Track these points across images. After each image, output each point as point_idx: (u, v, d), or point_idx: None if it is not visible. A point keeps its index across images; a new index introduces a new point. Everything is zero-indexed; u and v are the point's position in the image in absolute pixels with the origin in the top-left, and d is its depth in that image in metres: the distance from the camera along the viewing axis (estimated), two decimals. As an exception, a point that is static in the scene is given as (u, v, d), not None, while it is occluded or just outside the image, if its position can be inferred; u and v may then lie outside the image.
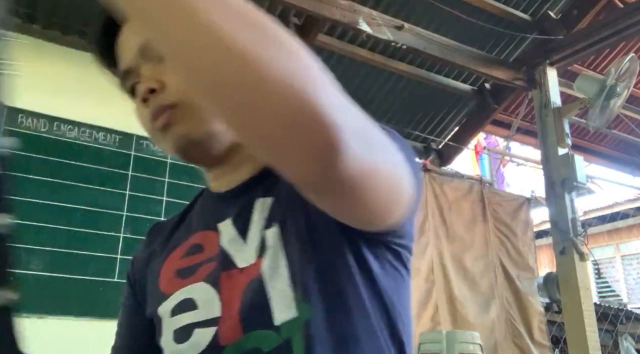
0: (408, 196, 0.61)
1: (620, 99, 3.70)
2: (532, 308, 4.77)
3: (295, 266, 0.66)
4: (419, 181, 0.64)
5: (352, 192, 0.52)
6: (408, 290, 0.75)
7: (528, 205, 5.17)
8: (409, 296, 0.75)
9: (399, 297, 0.71)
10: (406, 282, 0.74)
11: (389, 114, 4.81)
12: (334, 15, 3.22)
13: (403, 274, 0.72)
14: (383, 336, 0.67)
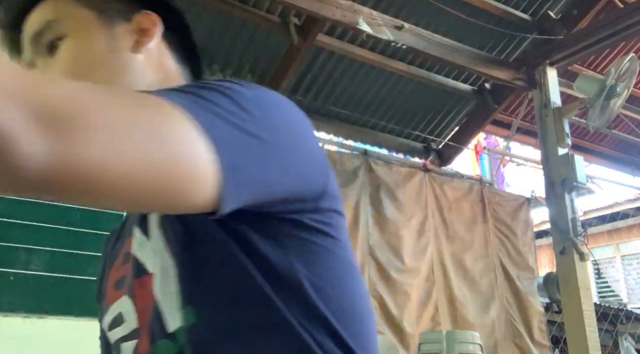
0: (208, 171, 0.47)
1: (620, 99, 3.70)
2: (532, 308, 4.78)
3: (180, 268, 0.62)
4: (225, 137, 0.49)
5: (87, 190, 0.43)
6: (335, 257, 0.64)
7: (528, 205, 5.17)
8: (339, 264, 0.65)
9: (315, 270, 0.61)
10: (328, 249, 0.63)
11: (389, 114, 4.81)
12: (334, 15, 3.23)
13: (318, 242, 0.62)
14: (297, 319, 0.59)
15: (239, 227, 0.59)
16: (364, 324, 0.66)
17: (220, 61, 4.00)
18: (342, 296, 0.63)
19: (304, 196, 0.60)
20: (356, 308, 0.65)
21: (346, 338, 0.62)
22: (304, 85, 4.36)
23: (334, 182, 0.65)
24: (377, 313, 4.01)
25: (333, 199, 0.64)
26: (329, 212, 0.64)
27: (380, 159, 4.51)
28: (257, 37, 3.89)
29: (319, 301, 0.61)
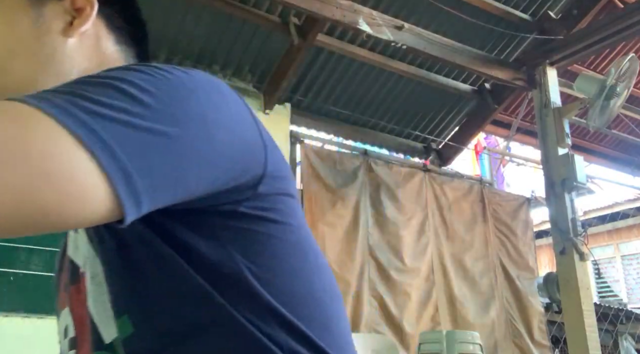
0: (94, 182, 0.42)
1: (620, 99, 3.70)
2: (532, 308, 4.78)
3: (109, 274, 0.58)
4: None
5: None
6: (283, 243, 0.59)
7: (528, 205, 5.18)
8: (289, 249, 0.60)
9: (258, 260, 0.57)
10: (273, 236, 0.58)
11: (389, 114, 4.82)
12: (334, 16, 3.23)
13: (260, 230, 0.57)
14: (244, 315, 0.55)
15: (167, 225, 0.55)
16: (324, 309, 0.62)
17: (220, 61, 4.00)
18: (294, 283, 0.59)
19: (236, 186, 0.54)
20: (314, 294, 0.61)
21: (302, 326, 0.58)
22: (304, 85, 4.36)
23: (277, 163, 0.59)
24: (377, 313, 4.01)
25: (277, 181, 0.59)
26: (271, 196, 0.58)
27: (380, 159, 4.51)
28: (257, 37, 3.89)
29: (266, 293, 0.56)
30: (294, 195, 0.63)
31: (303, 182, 4.06)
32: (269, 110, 4.15)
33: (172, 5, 3.57)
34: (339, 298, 0.66)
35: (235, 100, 0.56)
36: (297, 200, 0.64)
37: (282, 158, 0.62)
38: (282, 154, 0.62)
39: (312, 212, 3.97)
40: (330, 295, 0.64)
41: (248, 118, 0.57)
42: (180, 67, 0.54)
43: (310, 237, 0.64)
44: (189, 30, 3.73)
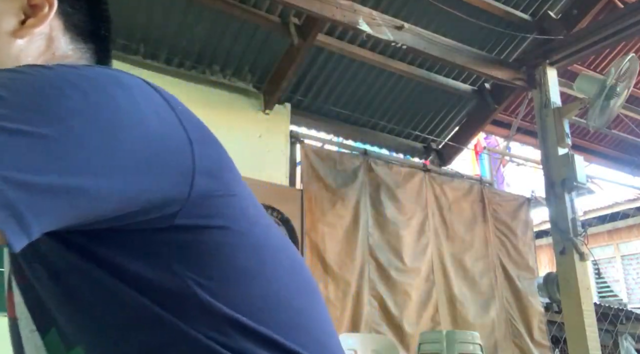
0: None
1: (620, 99, 3.70)
2: (532, 308, 4.78)
3: (55, 308, 0.55)
4: None
5: None
6: (232, 249, 0.55)
7: (528, 205, 5.18)
8: (240, 254, 0.55)
9: (206, 272, 0.53)
10: (219, 243, 0.54)
11: (389, 114, 4.81)
12: (334, 16, 3.23)
13: (202, 240, 0.53)
14: (201, 331, 0.52)
15: (98, 249, 0.51)
16: (295, 307, 0.58)
17: (220, 61, 4.00)
18: (252, 288, 0.55)
19: (160, 195, 0.48)
20: (279, 294, 0.57)
21: (269, 331, 0.54)
22: (304, 85, 4.36)
23: (210, 159, 0.53)
24: (377, 313, 4.01)
25: (213, 181, 0.53)
26: (209, 200, 0.52)
27: (380, 159, 4.51)
28: (257, 37, 3.89)
29: (222, 304, 0.52)
30: (239, 193, 0.57)
31: (303, 182, 4.06)
32: (269, 110, 4.15)
33: (172, 5, 3.57)
34: (314, 292, 0.62)
35: (144, 93, 0.50)
36: (245, 196, 0.58)
37: (219, 153, 0.55)
38: (220, 148, 0.56)
39: (312, 212, 3.97)
40: (302, 291, 0.60)
41: (164, 112, 0.50)
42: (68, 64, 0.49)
43: (269, 235, 0.59)
44: (189, 30, 3.73)
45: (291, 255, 0.62)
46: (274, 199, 3.82)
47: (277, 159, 4.11)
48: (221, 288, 0.53)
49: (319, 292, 0.65)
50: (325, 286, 3.84)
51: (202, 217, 0.52)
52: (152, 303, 0.51)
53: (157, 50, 3.79)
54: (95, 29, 0.66)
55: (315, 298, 0.62)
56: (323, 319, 0.62)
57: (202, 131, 0.54)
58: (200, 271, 0.52)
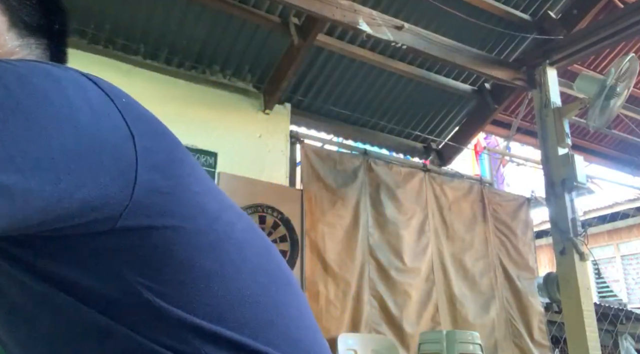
0: None
1: (620, 99, 3.70)
2: (532, 308, 4.78)
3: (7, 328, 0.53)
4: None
5: None
6: (185, 249, 0.50)
7: (528, 205, 5.18)
8: (195, 253, 0.51)
9: (158, 276, 0.49)
10: (170, 244, 0.50)
11: (389, 114, 4.81)
12: (334, 16, 3.22)
13: (157, 241, 0.49)
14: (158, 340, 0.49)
15: (37, 262, 0.48)
16: (262, 304, 0.54)
17: (220, 61, 4.00)
18: (212, 288, 0.51)
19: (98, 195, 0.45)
20: (244, 292, 0.53)
21: (232, 332, 0.51)
22: (304, 85, 4.36)
23: (158, 153, 0.50)
24: (377, 313, 4.01)
25: (164, 178, 0.49)
26: (157, 198, 0.49)
27: (380, 159, 4.51)
28: (257, 37, 3.89)
29: (177, 309, 0.49)
30: (195, 188, 0.53)
31: (303, 182, 4.05)
32: (269, 110, 4.15)
33: (172, 5, 3.57)
34: (287, 286, 0.59)
35: (76, 86, 0.46)
36: (204, 191, 0.54)
37: (170, 146, 0.52)
38: (171, 141, 0.53)
39: (312, 212, 3.97)
40: (272, 286, 0.56)
41: (101, 105, 0.47)
42: None
43: (233, 230, 0.56)
44: (189, 30, 3.73)
45: (261, 250, 0.58)
46: (274, 199, 3.82)
47: (277, 159, 4.11)
48: (176, 291, 0.49)
49: (295, 285, 0.61)
50: (325, 286, 3.84)
51: (149, 217, 0.48)
52: (100, 314, 0.48)
53: (157, 50, 3.79)
54: (46, 23, 0.62)
55: (289, 292, 0.59)
56: (298, 314, 0.58)
57: (148, 123, 0.51)
58: (151, 275, 0.49)
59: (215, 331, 0.50)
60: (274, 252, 0.61)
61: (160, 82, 3.78)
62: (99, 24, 3.57)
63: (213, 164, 3.74)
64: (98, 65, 3.54)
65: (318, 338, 0.60)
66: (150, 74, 3.76)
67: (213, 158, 3.76)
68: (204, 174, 0.56)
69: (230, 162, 3.83)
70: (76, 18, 3.50)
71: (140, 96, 2.57)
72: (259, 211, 3.74)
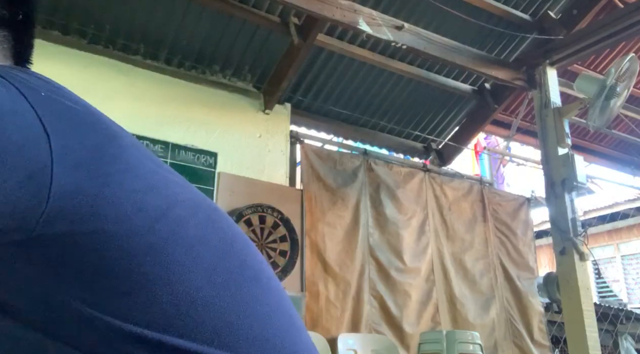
0: None
1: (620, 99, 3.69)
2: (532, 308, 4.78)
3: None
4: None
5: None
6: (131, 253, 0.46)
7: (528, 205, 5.18)
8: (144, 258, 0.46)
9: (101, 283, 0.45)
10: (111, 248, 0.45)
11: (389, 114, 4.81)
12: (334, 16, 3.23)
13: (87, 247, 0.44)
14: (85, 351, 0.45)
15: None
16: (219, 306, 0.49)
17: (220, 61, 4.00)
18: (160, 294, 0.46)
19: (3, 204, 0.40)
20: (196, 295, 0.48)
21: (183, 342, 0.47)
22: (304, 85, 4.36)
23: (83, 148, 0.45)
24: (377, 313, 4.01)
25: (85, 176, 0.44)
26: (81, 200, 0.44)
27: (380, 159, 4.51)
28: (257, 37, 3.89)
29: (118, 321, 0.45)
30: (132, 185, 0.47)
31: (303, 183, 4.06)
32: (269, 110, 4.15)
33: (172, 5, 3.57)
34: (253, 281, 0.53)
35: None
36: (146, 188, 0.49)
37: (98, 141, 0.47)
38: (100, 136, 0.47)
39: (312, 212, 3.97)
40: (234, 285, 0.51)
41: (8, 103, 0.43)
42: None
43: (182, 228, 0.50)
44: (189, 30, 3.73)
45: (220, 245, 0.53)
46: (274, 199, 3.82)
47: (277, 159, 4.11)
48: (111, 300, 0.45)
49: (266, 280, 0.55)
50: (325, 286, 3.84)
51: (73, 222, 0.43)
52: (33, 331, 0.44)
53: (157, 50, 3.79)
54: (8, 16, 0.56)
55: (255, 288, 0.53)
56: (266, 311, 0.53)
57: (72, 117, 0.46)
58: (81, 285, 0.44)
59: (159, 339, 0.46)
60: (238, 245, 0.55)
61: (160, 82, 3.78)
62: (99, 24, 3.57)
63: (213, 164, 3.74)
64: (98, 65, 3.54)
65: (294, 334, 0.54)
66: (150, 74, 3.76)
67: (213, 158, 3.76)
68: (149, 168, 0.50)
69: (230, 162, 3.83)
70: (76, 18, 3.50)
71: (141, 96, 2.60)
72: (259, 211, 3.74)
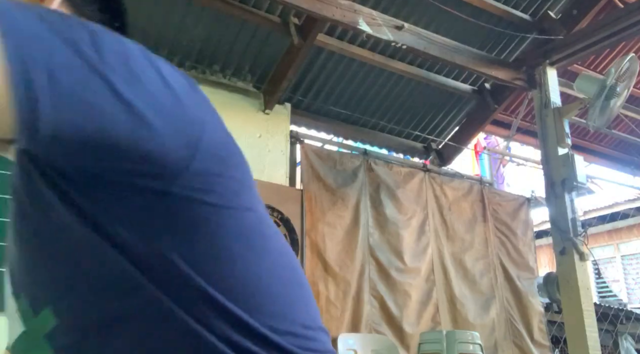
0: None
1: (620, 99, 3.69)
2: (532, 308, 4.78)
3: (31, 267, 0.55)
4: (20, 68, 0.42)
5: None
6: (221, 228, 0.55)
7: (528, 205, 5.18)
8: (228, 234, 0.56)
9: (192, 246, 0.53)
10: (209, 220, 0.54)
11: (389, 114, 4.81)
12: (334, 15, 3.22)
13: (195, 214, 0.53)
14: (178, 303, 0.52)
15: (94, 210, 0.50)
16: (277, 296, 0.58)
17: (220, 61, 4.00)
18: (235, 270, 0.55)
19: (162, 154, 0.49)
20: (262, 281, 0.57)
21: (246, 316, 0.54)
22: (304, 85, 4.36)
23: (217, 143, 0.55)
24: (377, 313, 4.01)
25: (216, 162, 0.54)
26: (208, 177, 0.54)
27: (380, 159, 4.51)
28: (257, 37, 3.89)
29: (202, 280, 0.52)
30: (240, 179, 0.58)
31: (303, 182, 4.06)
32: (269, 110, 4.15)
33: (172, 5, 3.57)
34: (299, 285, 0.62)
35: (172, 69, 0.53)
36: (248, 186, 0.60)
37: (227, 141, 0.57)
38: (229, 138, 0.58)
39: (312, 212, 3.97)
40: (286, 282, 0.60)
41: (188, 90, 0.53)
42: None
43: (261, 223, 0.60)
44: (189, 30, 3.73)
45: (281, 247, 0.62)
46: (274, 199, 3.82)
47: (277, 159, 4.11)
48: (202, 263, 0.53)
49: (307, 288, 0.65)
50: (325, 285, 3.84)
51: (198, 191, 0.53)
52: (132, 267, 0.51)
53: (157, 50, 3.79)
54: (106, 21, 0.65)
55: (303, 289, 0.63)
56: (307, 312, 0.61)
57: (214, 118, 0.56)
58: (186, 244, 0.52)
59: (231, 309, 0.53)
60: (291, 252, 0.65)
61: (160, 82, 3.77)
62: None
63: (213, 164, 3.74)
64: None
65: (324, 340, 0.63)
66: (150, 74, 3.76)
67: (213, 158, 3.75)
68: (247, 168, 0.62)
69: (230, 162, 3.83)
70: (76, 18, 3.50)
71: (140, 96, 2.48)
72: (259, 211, 3.74)
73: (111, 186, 0.50)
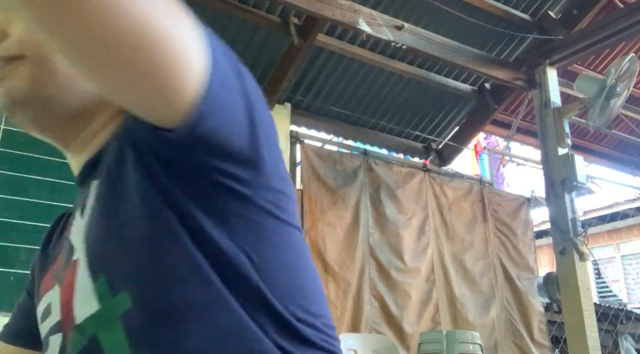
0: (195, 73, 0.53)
1: (620, 99, 3.69)
2: (532, 308, 4.78)
3: (112, 252, 0.58)
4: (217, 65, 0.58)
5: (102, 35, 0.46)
6: (284, 243, 0.62)
7: (528, 205, 5.18)
8: (288, 249, 0.62)
9: (263, 253, 0.58)
10: (277, 233, 0.61)
11: (389, 114, 4.81)
12: (334, 15, 3.22)
13: (268, 225, 0.60)
14: (240, 302, 0.56)
15: (183, 202, 0.55)
16: (315, 309, 0.63)
17: (220, 61, 4.00)
18: (287, 280, 0.61)
19: (257, 165, 0.58)
20: (306, 294, 0.63)
21: (294, 322, 0.59)
22: (304, 85, 4.36)
23: (284, 167, 0.64)
24: (378, 313, 4.01)
25: (283, 182, 0.62)
26: (279, 194, 0.61)
27: (380, 159, 4.51)
28: (257, 37, 3.89)
29: (263, 285, 0.57)
30: (292, 197, 0.65)
31: (303, 182, 4.05)
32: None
33: (172, 5, 3.56)
34: (325, 303, 0.68)
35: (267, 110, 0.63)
36: (295, 203, 0.66)
37: (282, 162, 0.64)
38: (283, 160, 0.65)
39: (312, 212, 3.97)
40: (321, 297, 0.66)
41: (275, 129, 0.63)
42: None
43: (302, 241, 0.66)
44: (189, 30, 3.72)
45: (313, 264, 0.69)
46: (274, 199, 3.81)
47: (277, 159, 4.10)
48: (267, 270, 0.58)
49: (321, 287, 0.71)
50: (325, 285, 3.84)
51: (271, 205, 0.60)
52: (207, 262, 0.55)
53: (157, 50, 3.78)
54: None
55: (327, 307, 0.68)
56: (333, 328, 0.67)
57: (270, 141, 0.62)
58: (257, 250, 0.58)
59: (282, 314, 0.58)
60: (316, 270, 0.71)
61: (160, 82, 3.77)
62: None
63: (213, 164, 3.73)
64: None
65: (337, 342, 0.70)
66: (150, 74, 3.76)
67: (213, 158, 3.75)
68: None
69: (230, 162, 3.83)
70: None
71: (140, 95, 2.47)
72: (259, 211, 3.74)
73: (207, 181, 0.55)
